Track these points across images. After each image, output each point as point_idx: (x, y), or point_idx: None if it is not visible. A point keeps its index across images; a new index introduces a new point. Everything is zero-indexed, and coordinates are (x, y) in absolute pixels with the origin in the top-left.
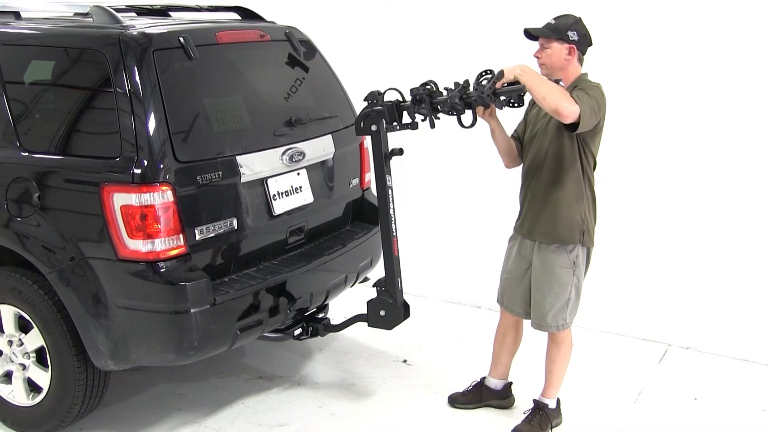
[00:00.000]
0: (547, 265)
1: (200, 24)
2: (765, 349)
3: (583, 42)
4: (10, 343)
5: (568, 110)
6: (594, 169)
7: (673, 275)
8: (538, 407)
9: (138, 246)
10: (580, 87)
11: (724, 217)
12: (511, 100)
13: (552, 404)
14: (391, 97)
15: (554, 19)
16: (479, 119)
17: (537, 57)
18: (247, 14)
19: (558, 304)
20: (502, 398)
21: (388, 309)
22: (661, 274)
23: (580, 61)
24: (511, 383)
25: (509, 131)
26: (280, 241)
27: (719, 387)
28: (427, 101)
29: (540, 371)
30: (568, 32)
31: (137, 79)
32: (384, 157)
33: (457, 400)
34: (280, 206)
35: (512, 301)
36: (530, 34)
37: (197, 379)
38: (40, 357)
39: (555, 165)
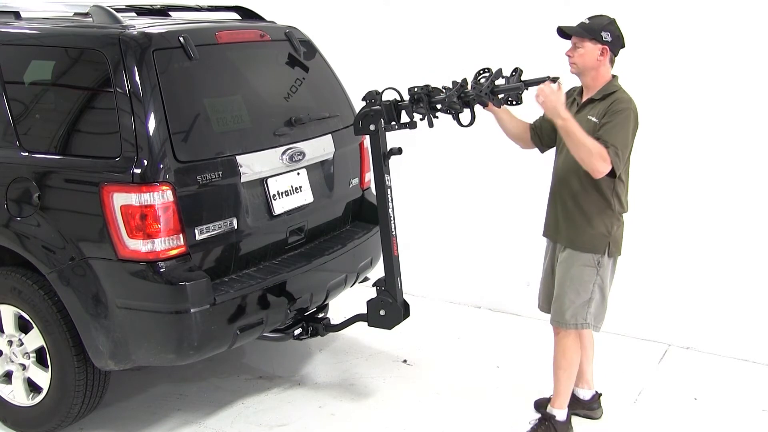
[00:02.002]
0: (570, 261)
1: (200, 24)
2: (765, 349)
3: (616, 43)
4: (10, 343)
5: (601, 173)
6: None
7: (673, 275)
8: (544, 417)
9: (138, 246)
10: (612, 114)
11: (723, 218)
12: (509, 99)
13: (560, 416)
14: (389, 96)
15: (588, 18)
16: (476, 115)
17: (569, 56)
18: (247, 14)
19: (578, 302)
20: (589, 408)
21: (388, 309)
22: (661, 274)
23: (612, 62)
24: (599, 394)
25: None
26: (280, 241)
27: (719, 387)
28: (426, 100)
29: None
30: (602, 33)
31: (137, 79)
32: (383, 156)
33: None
34: (280, 206)
35: (544, 298)
36: (563, 32)
37: (197, 379)
38: (40, 357)
39: (585, 176)
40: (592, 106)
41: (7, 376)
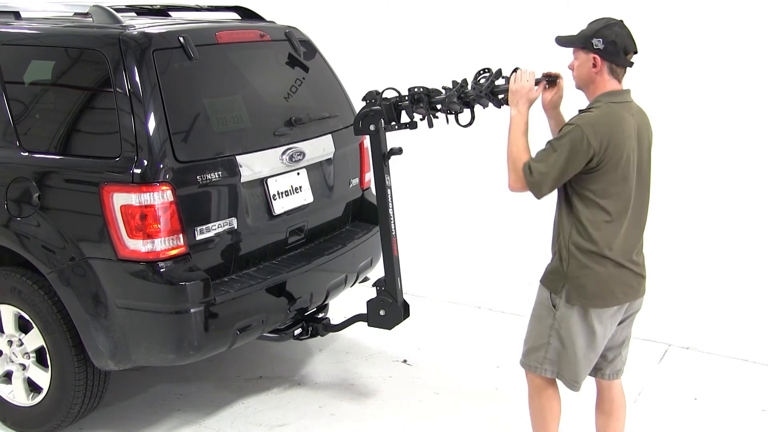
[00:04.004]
0: (536, 295)
1: (200, 24)
2: (765, 349)
3: (612, 51)
4: (10, 343)
5: (512, 186)
6: (612, 216)
7: (673, 275)
8: None
9: (138, 246)
10: (558, 135)
11: (723, 218)
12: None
13: None
14: (389, 96)
15: (588, 24)
16: (476, 116)
17: (570, 68)
18: (247, 14)
19: (533, 343)
20: None
21: (388, 309)
22: (662, 274)
23: (614, 73)
24: None
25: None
26: (280, 241)
27: (719, 387)
28: (425, 100)
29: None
30: (593, 39)
31: (137, 79)
32: (383, 156)
33: None
34: (280, 206)
35: None
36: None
37: (197, 379)
38: (40, 357)
39: (559, 197)
40: None
41: (7, 376)
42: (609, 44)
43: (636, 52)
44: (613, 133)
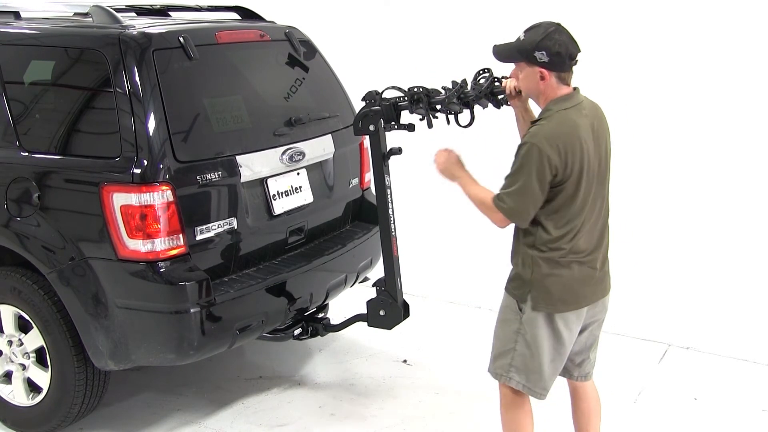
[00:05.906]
0: (501, 301)
1: (200, 24)
2: (765, 349)
3: (557, 61)
4: (10, 343)
5: (499, 225)
6: (571, 221)
7: (672, 275)
8: None
9: (138, 246)
10: (515, 154)
11: (723, 217)
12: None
13: None
14: (389, 95)
15: (524, 32)
16: (475, 116)
17: (513, 77)
18: (247, 14)
19: (500, 349)
20: None
21: (388, 309)
22: (661, 274)
23: (561, 79)
24: None
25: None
26: (280, 241)
27: (719, 387)
28: (425, 101)
29: None
30: (536, 53)
31: (137, 79)
32: (383, 157)
33: None
34: (279, 206)
35: None
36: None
37: (197, 379)
38: (40, 357)
39: None
40: None
41: (7, 376)
42: (554, 56)
43: (580, 52)
44: (569, 143)
